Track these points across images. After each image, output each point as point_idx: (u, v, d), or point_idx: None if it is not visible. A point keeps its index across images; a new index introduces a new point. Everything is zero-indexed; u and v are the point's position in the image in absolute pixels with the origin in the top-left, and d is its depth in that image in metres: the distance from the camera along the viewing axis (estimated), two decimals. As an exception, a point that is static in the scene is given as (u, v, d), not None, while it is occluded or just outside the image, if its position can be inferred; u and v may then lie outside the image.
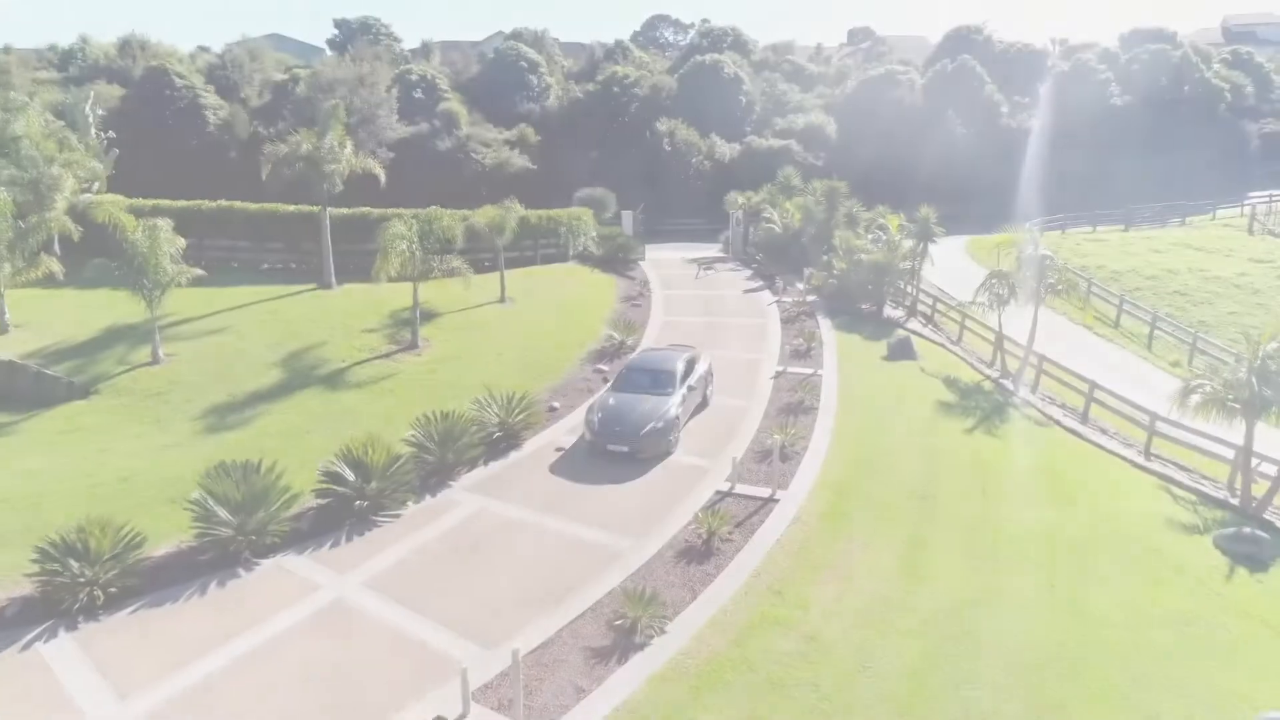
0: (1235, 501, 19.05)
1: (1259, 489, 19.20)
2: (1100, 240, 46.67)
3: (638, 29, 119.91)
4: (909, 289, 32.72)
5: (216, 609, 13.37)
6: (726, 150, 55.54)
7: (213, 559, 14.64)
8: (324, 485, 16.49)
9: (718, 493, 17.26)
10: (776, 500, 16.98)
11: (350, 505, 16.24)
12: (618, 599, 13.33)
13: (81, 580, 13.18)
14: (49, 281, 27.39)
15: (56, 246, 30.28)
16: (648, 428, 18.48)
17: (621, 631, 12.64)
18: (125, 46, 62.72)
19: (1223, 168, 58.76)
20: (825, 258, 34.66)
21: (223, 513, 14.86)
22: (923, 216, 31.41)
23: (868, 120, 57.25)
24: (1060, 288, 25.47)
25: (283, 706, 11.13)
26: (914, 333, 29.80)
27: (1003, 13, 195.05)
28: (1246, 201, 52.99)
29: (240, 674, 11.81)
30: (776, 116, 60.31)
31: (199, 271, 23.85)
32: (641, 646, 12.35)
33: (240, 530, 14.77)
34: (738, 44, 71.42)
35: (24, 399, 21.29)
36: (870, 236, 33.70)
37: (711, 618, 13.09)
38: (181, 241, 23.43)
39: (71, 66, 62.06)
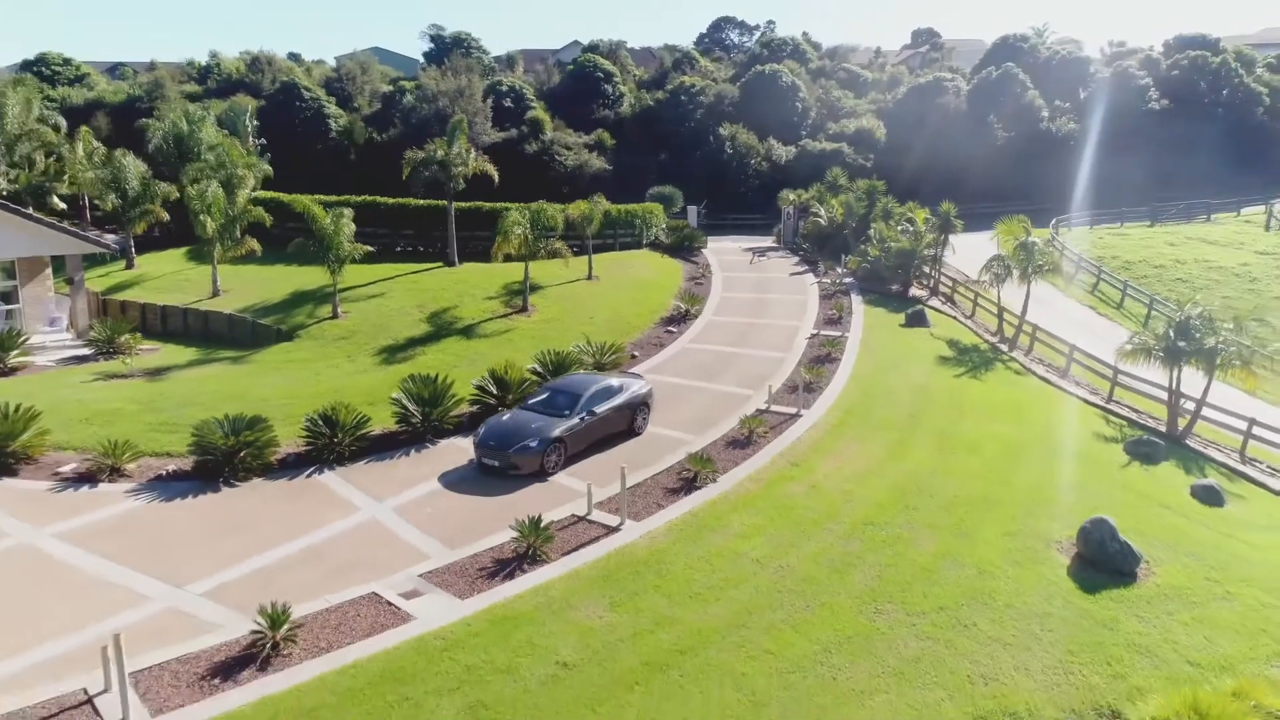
0: (1165, 430, 24.55)
1: (1184, 421, 24.63)
2: (1123, 235, 51.24)
3: (704, 30, 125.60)
4: (932, 272, 38.40)
5: (418, 463, 20.26)
6: (783, 152, 61.39)
7: (407, 438, 21.55)
8: (476, 395, 23.34)
9: (758, 410, 23.55)
10: (800, 416, 23.24)
11: (494, 410, 23.01)
12: (685, 463, 19.78)
13: (335, 440, 20.22)
14: (240, 259, 35.13)
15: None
16: (518, 446, 19.06)
17: (686, 480, 19.10)
18: (254, 63, 71.60)
19: (1257, 169, 62.10)
20: (862, 246, 40.59)
21: (413, 407, 21.81)
22: (943, 211, 37.08)
23: (915, 124, 62.45)
24: (1047, 268, 30.96)
25: (473, 506, 17.85)
26: (932, 308, 35.55)
27: (1064, 15, 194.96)
28: (1275, 200, 56.53)
29: (444, 492, 18.61)
30: (830, 121, 65.92)
31: (369, 249, 31.20)
32: (700, 487, 18.77)
33: (425, 419, 21.68)
34: (796, 53, 77.04)
35: (245, 341, 28.82)
36: (900, 228, 39.44)
37: (748, 475, 19.45)
38: (353, 226, 30.76)
39: (209, 80, 71.24)
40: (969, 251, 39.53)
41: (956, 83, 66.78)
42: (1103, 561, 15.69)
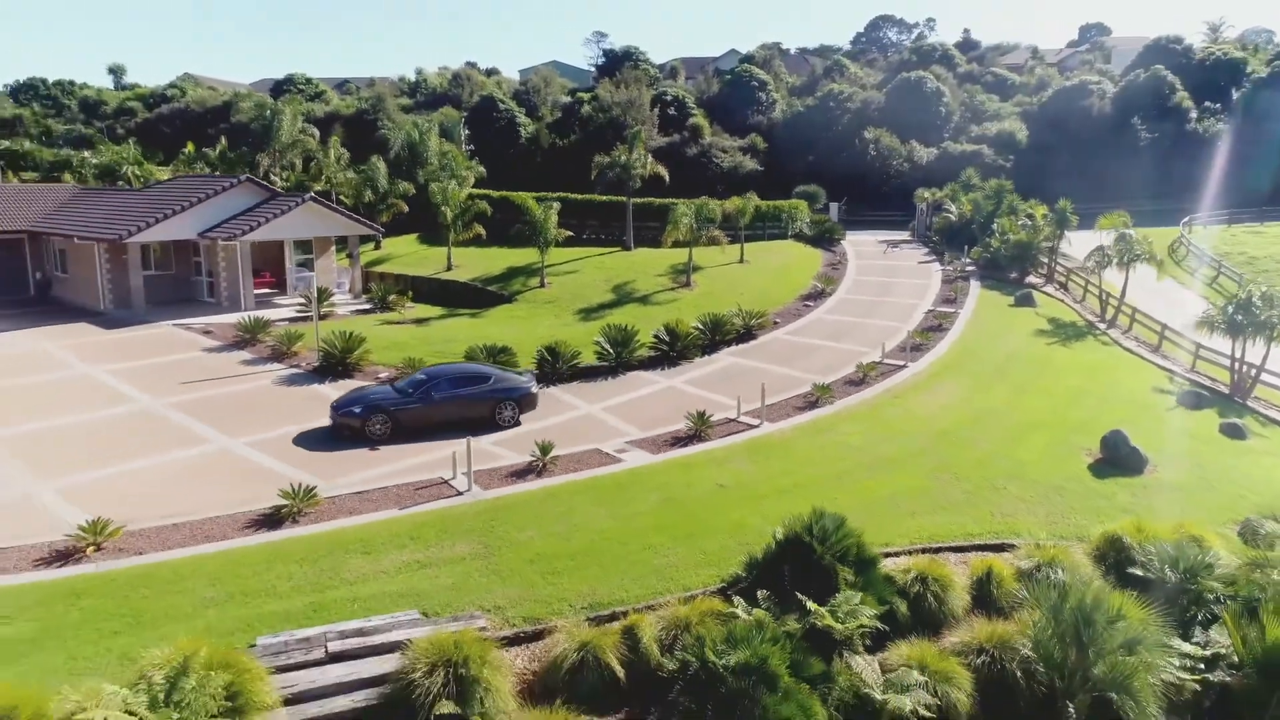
0: (1229, 392, 28.99)
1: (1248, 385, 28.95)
2: (1259, 233, 52.95)
3: (861, 30, 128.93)
4: (1049, 262, 42.93)
5: (613, 385, 28.06)
6: (924, 154, 66.00)
7: (605, 369, 29.43)
8: (654, 343, 30.99)
9: (872, 362, 29.95)
10: (906, 367, 29.47)
11: (668, 354, 30.61)
12: (810, 392, 26.58)
13: (556, 367, 28.33)
14: (464, 242, 44.61)
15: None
16: (344, 410, 22.30)
17: (810, 401, 25.93)
18: (455, 78, 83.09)
19: None
20: (986, 239, 45.49)
21: (609, 348, 29.69)
22: (1060, 208, 41.61)
23: (1058, 127, 65.47)
24: (1144, 257, 35.31)
25: (656, 411, 25.37)
26: (1044, 293, 40.28)
27: (1249, 8, 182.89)
28: None
29: (634, 404, 26.22)
30: (972, 124, 69.76)
31: (568, 233, 39.70)
32: (821, 407, 25.54)
33: (617, 357, 29.49)
34: (945, 59, 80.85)
35: (476, 303, 37.86)
36: (1020, 223, 44.13)
37: (858, 400, 26.06)
38: (557, 217, 39.33)
39: (418, 94, 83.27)
40: (1091, 245, 43.58)
41: (1103, 85, 68.92)
42: (1116, 460, 21.32)
